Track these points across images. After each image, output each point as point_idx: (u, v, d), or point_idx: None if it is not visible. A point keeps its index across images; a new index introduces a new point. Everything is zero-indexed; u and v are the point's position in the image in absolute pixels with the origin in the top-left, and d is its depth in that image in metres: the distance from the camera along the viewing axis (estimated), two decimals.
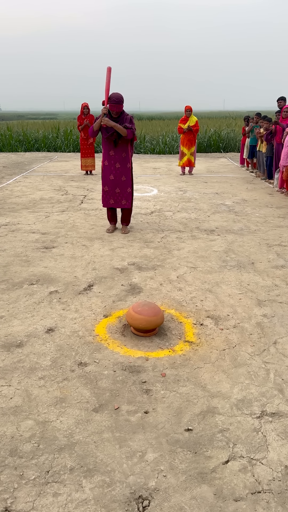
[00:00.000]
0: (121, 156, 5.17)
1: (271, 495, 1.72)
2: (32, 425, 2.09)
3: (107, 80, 4.94)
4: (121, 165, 5.20)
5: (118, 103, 4.90)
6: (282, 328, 3.04)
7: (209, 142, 16.65)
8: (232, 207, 6.97)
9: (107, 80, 4.94)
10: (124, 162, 5.20)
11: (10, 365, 2.58)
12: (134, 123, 5.13)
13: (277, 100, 8.59)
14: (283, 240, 5.15)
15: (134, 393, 2.33)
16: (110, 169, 5.22)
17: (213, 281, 3.87)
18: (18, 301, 3.45)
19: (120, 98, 4.92)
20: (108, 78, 4.94)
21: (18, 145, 16.89)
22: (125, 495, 1.72)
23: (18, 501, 1.69)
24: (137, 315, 2.85)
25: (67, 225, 5.75)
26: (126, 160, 5.21)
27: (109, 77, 4.94)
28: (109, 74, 4.95)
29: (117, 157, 5.17)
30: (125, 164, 5.21)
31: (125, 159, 5.20)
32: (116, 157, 5.17)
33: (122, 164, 5.20)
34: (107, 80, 4.93)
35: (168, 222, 5.96)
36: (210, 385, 2.40)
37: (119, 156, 5.17)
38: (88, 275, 3.98)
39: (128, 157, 5.23)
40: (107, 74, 4.96)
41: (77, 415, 2.16)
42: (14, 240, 5.09)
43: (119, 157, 5.17)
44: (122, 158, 5.18)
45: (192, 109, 10.07)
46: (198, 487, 1.75)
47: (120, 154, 5.16)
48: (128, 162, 5.24)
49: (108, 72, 4.97)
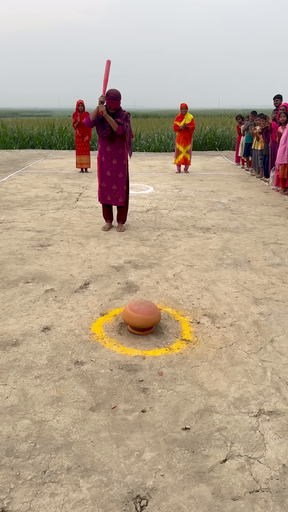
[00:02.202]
0: (118, 152, 5.16)
1: (269, 494, 1.72)
2: (29, 424, 2.07)
3: (105, 72, 4.94)
4: (117, 161, 5.18)
5: (116, 99, 4.89)
6: (278, 326, 3.04)
7: (204, 140, 16.65)
8: (228, 205, 6.97)
9: (105, 73, 4.94)
10: (121, 159, 5.19)
11: (5, 364, 2.56)
12: (129, 121, 5.10)
13: (273, 98, 8.59)
14: (279, 238, 5.16)
15: (131, 392, 2.32)
16: (107, 165, 5.20)
17: (209, 279, 3.87)
18: (14, 299, 3.42)
19: (118, 94, 4.91)
20: (107, 71, 4.94)
21: (12, 142, 16.79)
22: (122, 494, 1.71)
23: (15, 501, 1.67)
24: (134, 314, 2.84)
25: (63, 223, 5.72)
26: (123, 156, 5.20)
27: (108, 70, 4.94)
28: (108, 67, 4.95)
29: (113, 153, 5.15)
30: (122, 160, 5.20)
31: (122, 156, 5.19)
32: (112, 153, 5.15)
33: (118, 161, 5.18)
34: (106, 73, 4.93)
35: (164, 220, 5.94)
36: (207, 383, 2.40)
37: (116, 152, 5.16)
38: (84, 273, 3.96)
39: (124, 153, 5.21)
40: (106, 66, 4.96)
41: (74, 414, 2.14)
42: (9, 238, 5.05)
43: (115, 153, 5.16)
44: (118, 154, 5.17)
45: (187, 107, 10.05)
46: (196, 486, 1.74)
47: (116, 150, 5.15)
48: (124, 159, 5.22)
49: (107, 64, 4.98)
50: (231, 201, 7.29)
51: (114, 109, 4.96)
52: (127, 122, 5.02)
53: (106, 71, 4.94)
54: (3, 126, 18.63)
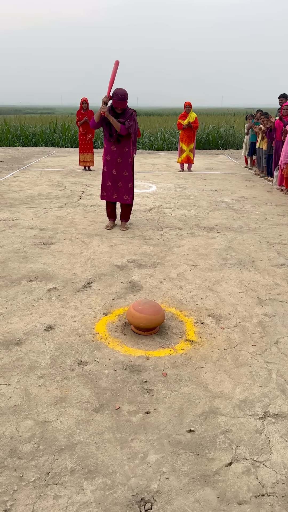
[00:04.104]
0: (123, 150, 5.13)
1: (275, 498, 1.70)
2: (32, 425, 2.05)
3: (113, 73, 4.89)
4: (122, 159, 5.16)
5: (123, 99, 4.84)
6: (283, 328, 3.02)
7: (207, 138, 16.59)
8: (231, 204, 6.93)
9: (112, 73, 4.89)
10: (126, 157, 5.16)
11: (9, 363, 2.54)
12: (135, 119, 5.06)
13: (278, 97, 8.54)
14: (283, 238, 5.13)
15: (135, 393, 2.30)
16: (112, 164, 5.17)
17: (213, 279, 3.84)
18: (17, 298, 3.41)
19: (125, 94, 4.84)
20: (114, 71, 4.89)
21: (15, 140, 16.77)
22: (127, 497, 1.69)
23: (18, 503, 1.65)
24: (138, 314, 2.81)
25: (66, 221, 5.69)
26: (128, 155, 5.17)
27: (115, 71, 4.89)
28: (115, 67, 4.90)
29: (119, 151, 5.13)
30: (127, 158, 5.17)
31: (127, 154, 5.16)
32: (118, 151, 5.13)
33: (123, 159, 5.16)
34: (113, 73, 4.88)
35: (167, 219, 5.92)
36: (211, 385, 2.38)
37: (121, 151, 5.13)
38: (87, 272, 3.94)
39: (129, 152, 5.19)
40: (114, 67, 4.92)
41: (78, 415, 2.12)
42: (12, 236, 5.04)
43: (120, 152, 5.13)
44: (124, 153, 5.14)
45: (191, 105, 10.00)
46: (201, 490, 1.72)
47: (121, 148, 5.12)
48: (130, 157, 5.20)
49: (115, 65, 4.93)
50: (235, 200, 7.25)
51: (121, 109, 4.92)
52: (131, 121, 4.97)
53: (113, 71, 4.88)
54: (6, 123, 18.60)
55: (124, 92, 4.85)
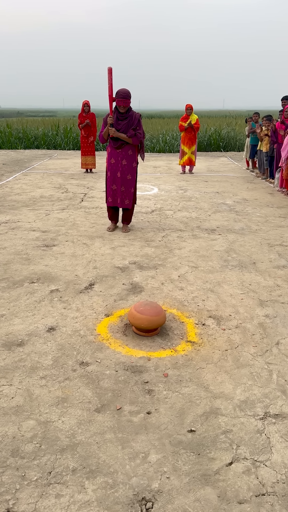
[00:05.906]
0: (128, 153, 5.15)
1: (275, 497, 1.71)
2: (34, 425, 2.07)
3: (109, 82, 4.77)
4: (127, 162, 5.17)
5: (126, 98, 4.87)
6: (284, 329, 3.03)
7: (209, 141, 16.63)
8: (232, 206, 6.95)
9: (109, 83, 4.77)
10: (131, 160, 5.18)
11: (11, 364, 2.56)
12: (141, 123, 5.10)
13: (281, 99, 8.56)
14: (284, 240, 5.14)
15: (137, 393, 2.31)
16: (117, 166, 5.19)
17: (214, 281, 3.86)
18: (19, 299, 3.43)
19: (127, 93, 4.88)
20: (110, 80, 4.77)
21: (17, 142, 16.84)
22: (128, 496, 1.70)
23: (20, 502, 1.67)
24: (139, 315, 2.83)
25: (68, 223, 5.72)
26: (133, 158, 5.19)
27: (111, 79, 4.77)
28: (110, 76, 4.76)
29: (123, 153, 5.15)
30: (132, 162, 5.19)
31: (132, 157, 5.18)
32: (123, 153, 5.15)
33: (128, 162, 5.17)
34: (109, 83, 4.77)
35: (168, 221, 5.94)
36: (212, 385, 2.39)
37: (126, 153, 5.15)
38: (89, 274, 3.96)
39: (134, 155, 5.20)
40: (109, 75, 4.75)
41: (79, 415, 2.14)
42: (14, 238, 5.06)
43: (125, 154, 5.15)
44: (128, 156, 5.16)
45: (193, 108, 10.04)
46: (202, 489, 1.74)
47: (126, 151, 5.14)
48: (135, 161, 5.22)
49: (109, 73, 4.76)
50: (236, 202, 7.27)
51: (124, 108, 4.96)
52: (140, 129, 5.02)
53: (109, 82, 4.73)
54: (8, 126, 18.69)
55: (126, 90, 4.88)
